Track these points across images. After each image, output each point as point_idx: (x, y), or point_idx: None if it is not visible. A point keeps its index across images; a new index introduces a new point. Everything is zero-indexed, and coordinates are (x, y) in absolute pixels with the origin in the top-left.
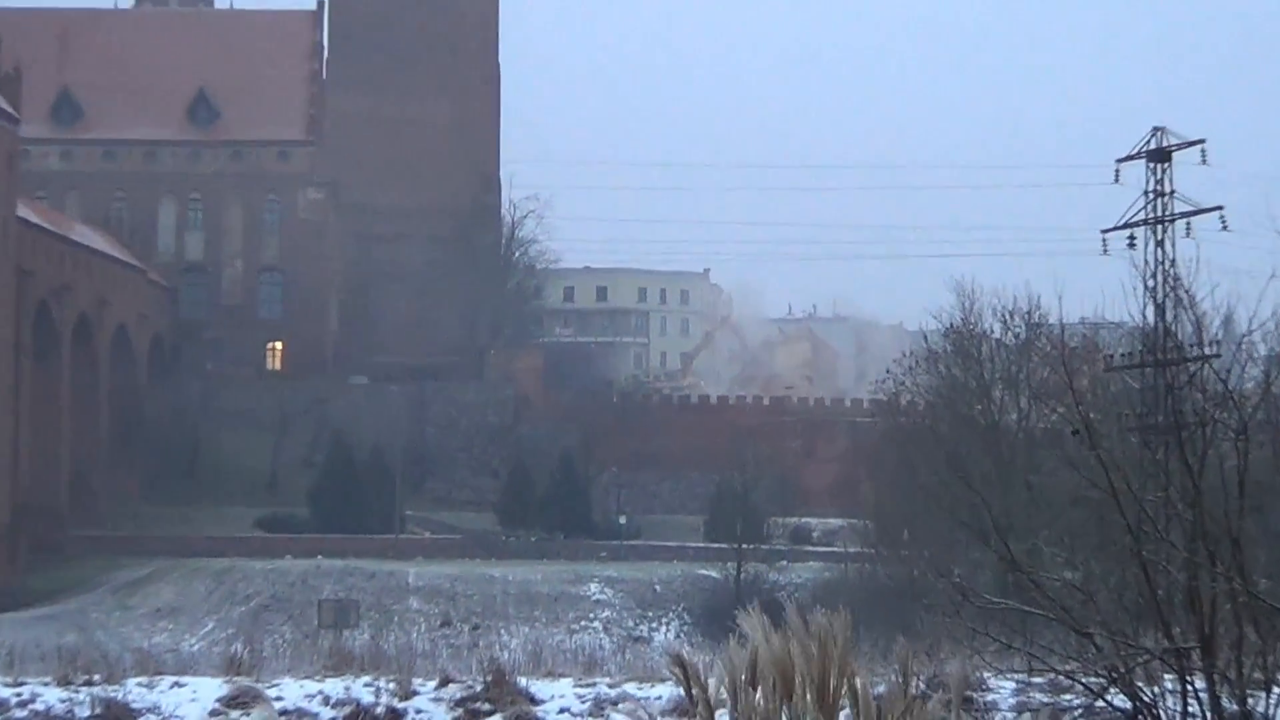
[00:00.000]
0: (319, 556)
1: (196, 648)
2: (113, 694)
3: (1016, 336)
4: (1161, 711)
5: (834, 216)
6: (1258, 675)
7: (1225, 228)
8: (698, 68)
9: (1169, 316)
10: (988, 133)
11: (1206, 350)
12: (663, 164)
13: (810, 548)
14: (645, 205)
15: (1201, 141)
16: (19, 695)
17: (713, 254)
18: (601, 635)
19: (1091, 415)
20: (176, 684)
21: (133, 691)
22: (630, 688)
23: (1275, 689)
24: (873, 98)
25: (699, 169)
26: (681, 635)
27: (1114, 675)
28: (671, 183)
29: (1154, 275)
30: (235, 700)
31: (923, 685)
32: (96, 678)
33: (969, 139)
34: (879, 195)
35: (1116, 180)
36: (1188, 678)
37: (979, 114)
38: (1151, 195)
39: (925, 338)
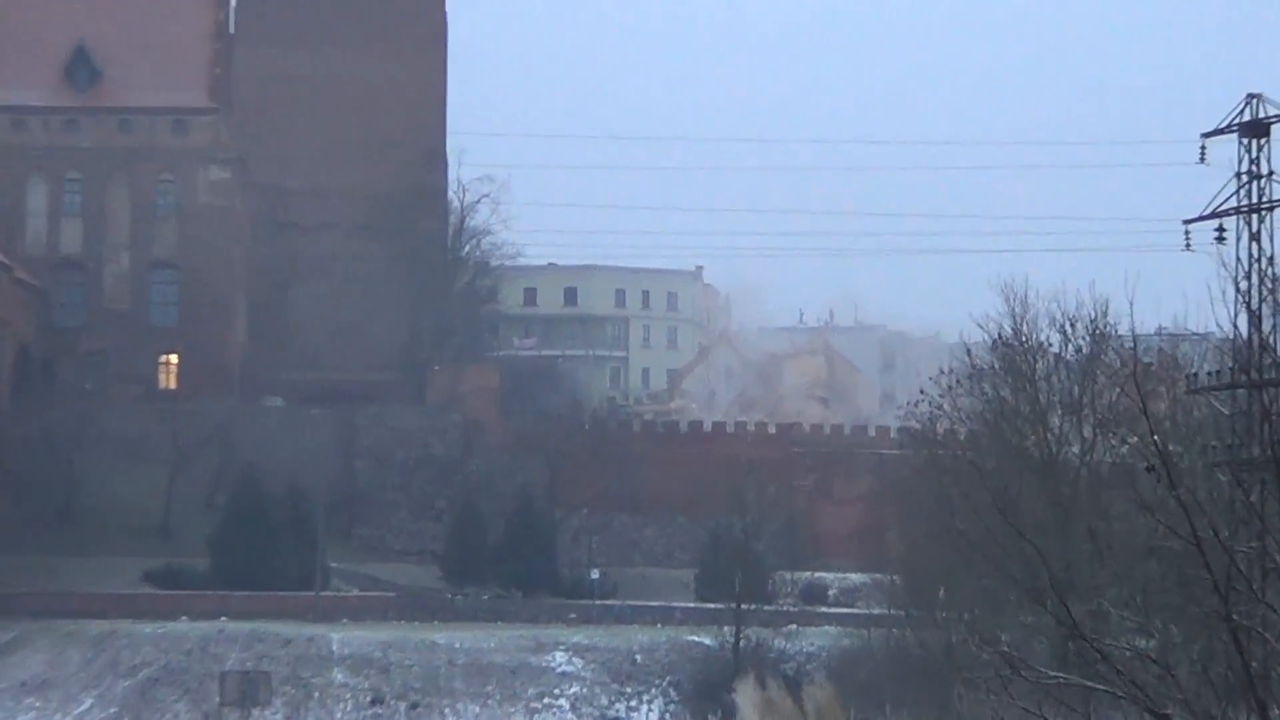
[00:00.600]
0: (222, 618)
1: None
2: None
3: (1079, 350)
4: None
5: (855, 202)
6: None
7: None
8: (688, 22)
9: (1266, 326)
10: (1042, 102)
11: None
12: (645, 138)
13: (825, 609)
14: (624, 188)
15: None
16: None
17: (707, 248)
18: (569, 716)
19: (1170, 447)
20: None
21: None
22: None
23: None
24: (899, 60)
25: (689, 145)
26: (668, 716)
27: None
28: (656, 161)
29: (1247, 275)
30: None
31: None
32: None
33: (1019, 109)
34: (910, 177)
35: (1202, 160)
36: None
37: (1031, 79)
38: (1245, 177)
39: (968, 351)
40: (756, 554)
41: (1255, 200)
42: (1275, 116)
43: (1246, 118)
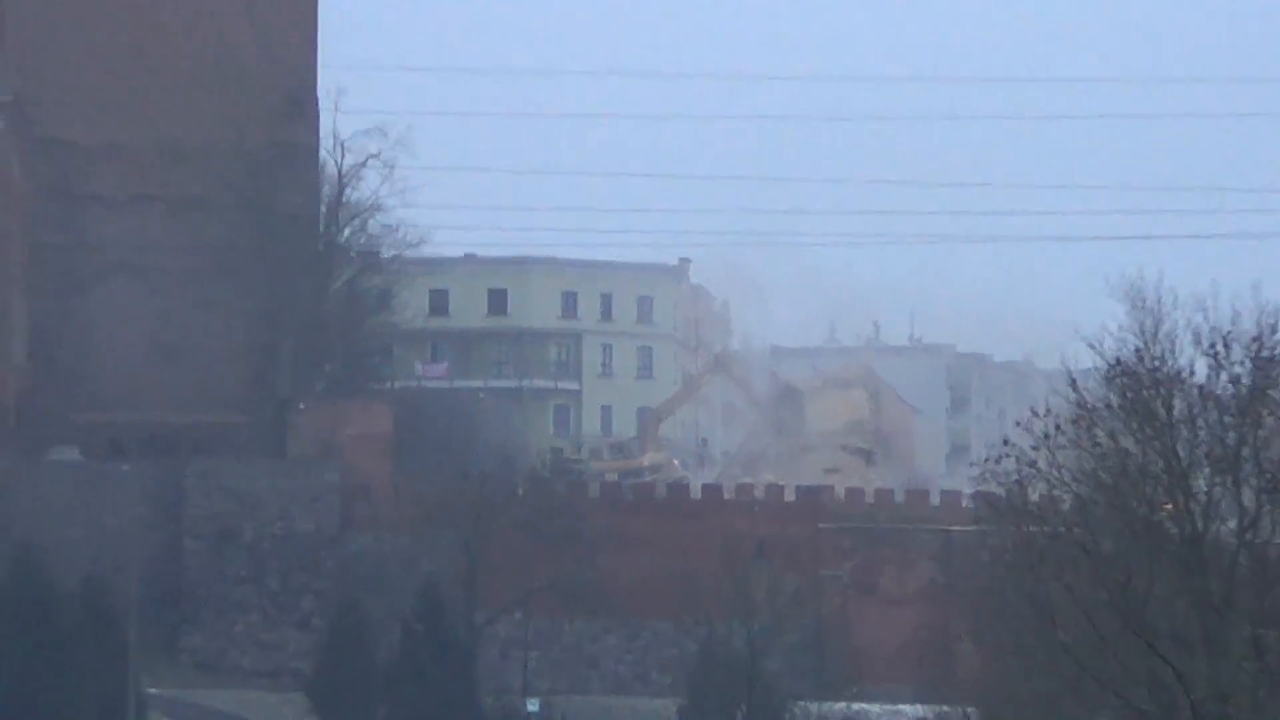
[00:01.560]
0: None
1: None
2: None
3: (1236, 382)
4: None
5: (901, 167)
6: None
7: None
8: None
9: None
10: (1175, 27)
11: None
12: (607, 72)
13: None
14: (575, 146)
15: None
16: None
17: (695, 234)
18: None
19: None
20: None
21: None
22: None
23: None
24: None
25: (667, 83)
26: None
27: None
28: (620, 107)
29: None
30: None
31: None
32: None
33: (1139, 35)
34: (981, 130)
35: None
36: None
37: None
38: None
39: (1073, 383)
40: (768, 677)
41: None
42: None
43: None
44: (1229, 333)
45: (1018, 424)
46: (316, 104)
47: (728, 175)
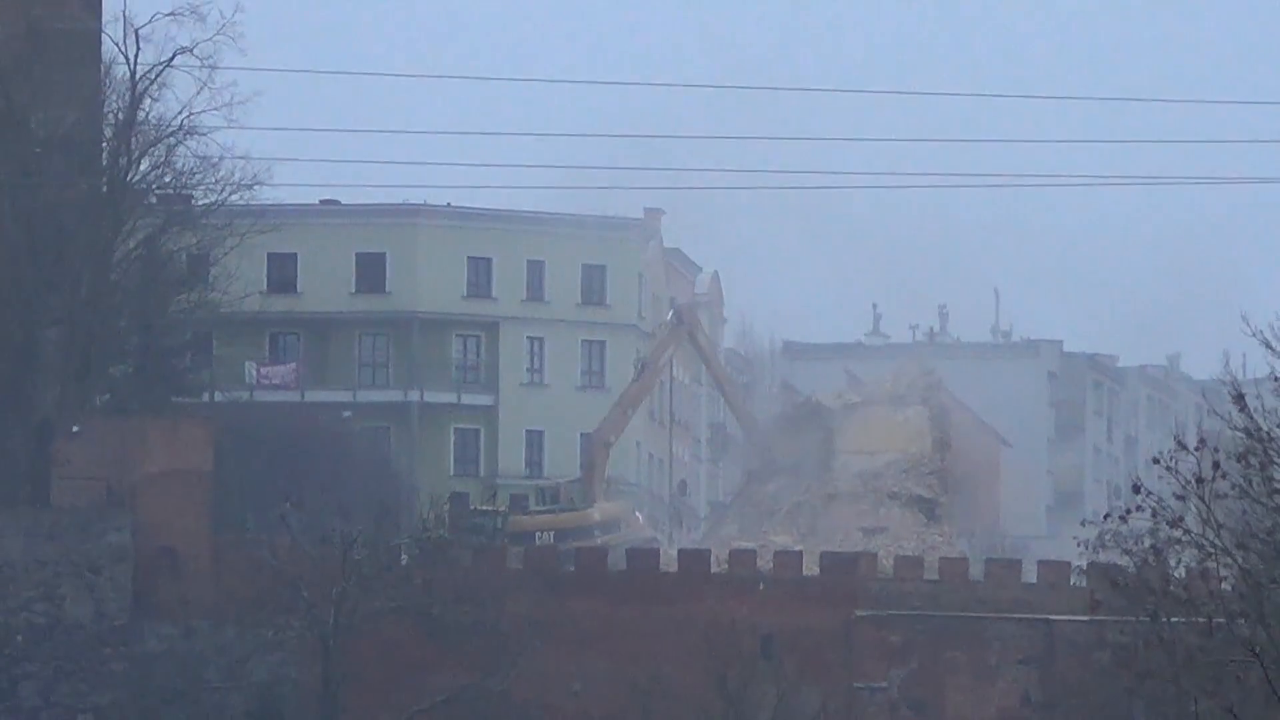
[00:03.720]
0: None
1: None
2: None
3: None
4: None
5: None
6: None
7: None
8: None
9: None
10: None
11: None
12: None
13: None
14: (487, 44)
15: None
16: None
17: (668, 176)
18: None
19: None
20: None
21: None
22: None
23: None
24: None
25: None
26: None
27: None
28: None
29: None
30: None
31: None
32: None
33: None
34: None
35: None
36: None
37: None
38: None
39: (1239, 399)
40: None
41: None
42: None
43: None
44: None
45: (1156, 461)
46: None
47: (720, 85)
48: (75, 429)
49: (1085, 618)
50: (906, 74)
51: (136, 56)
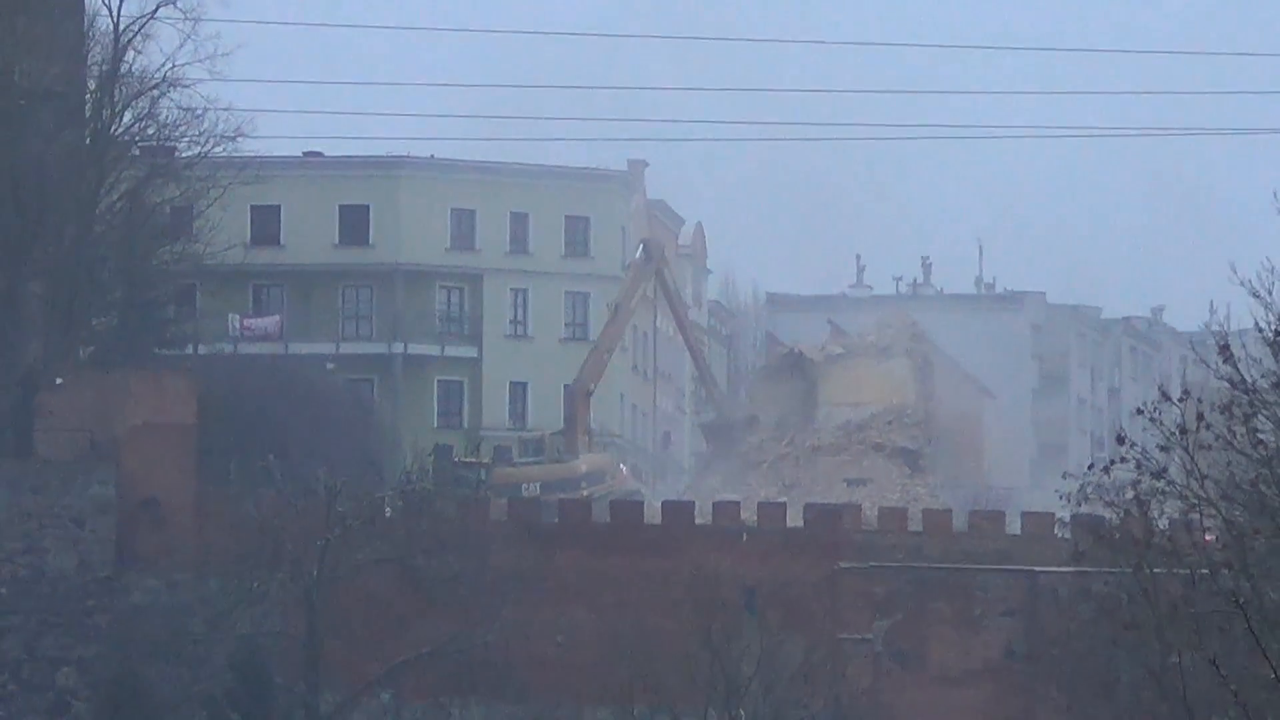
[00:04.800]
0: None
1: None
2: None
3: None
4: None
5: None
6: None
7: None
8: None
9: None
10: None
11: None
12: None
13: None
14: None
15: None
16: None
17: (651, 127)
18: None
19: None
20: None
21: None
22: None
23: None
24: None
25: None
26: None
27: None
28: None
29: None
30: None
31: None
32: None
33: None
34: None
35: None
36: None
37: None
38: None
39: (1224, 350)
40: None
41: None
42: None
43: None
44: None
45: (1139, 412)
46: None
47: (702, 35)
48: (59, 381)
49: (1069, 569)
50: (885, 24)
51: (120, 8)
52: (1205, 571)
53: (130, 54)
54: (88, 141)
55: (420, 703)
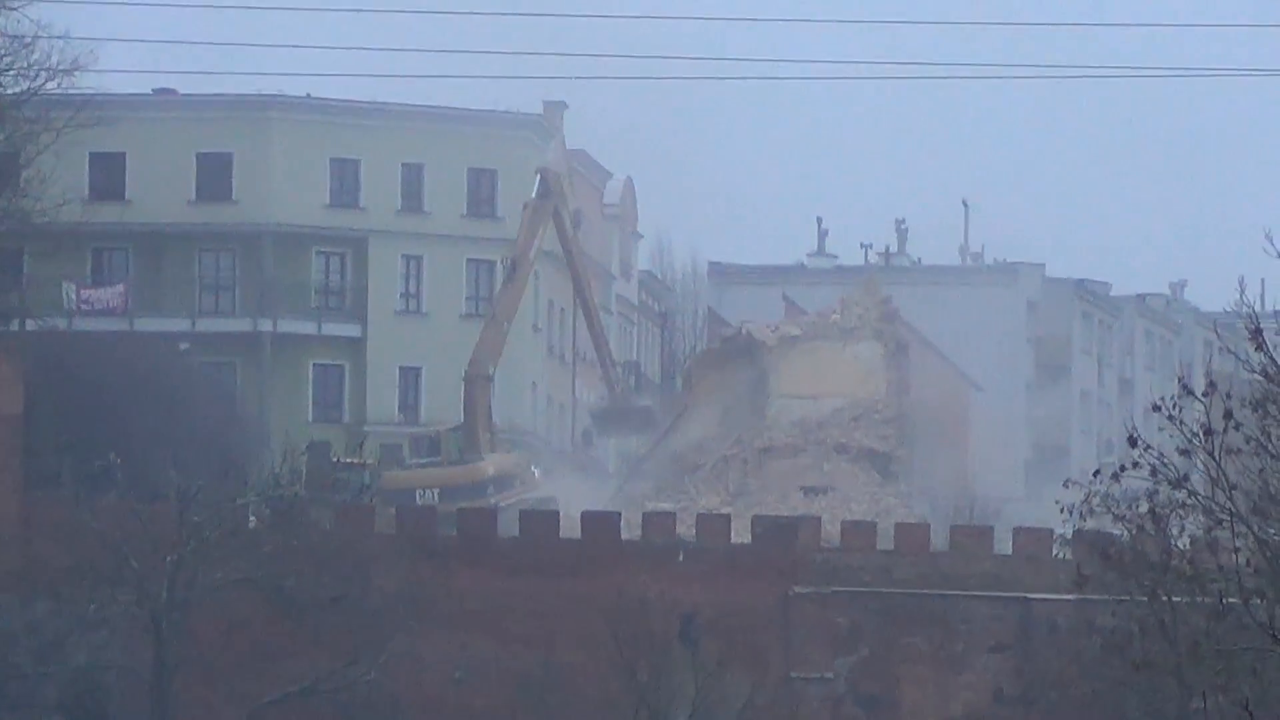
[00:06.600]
0: None
1: None
2: None
3: None
4: None
5: None
6: None
7: None
8: None
9: None
10: None
11: None
12: None
13: None
14: None
15: None
16: None
17: (572, 64)
18: None
19: None
20: None
21: None
22: None
23: None
24: None
25: None
26: None
27: None
28: None
29: None
30: None
31: None
32: None
33: None
34: None
35: None
36: None
37: None
38: None
39: (1255, 335)
40: None
41: None
42: None
43: None
44: None
45: (1156, 408)
46: None
47: None
48: None
49: (1070, 597)
50: None
51: None
52: (1233, 600)
53: None
54: None
55: None
